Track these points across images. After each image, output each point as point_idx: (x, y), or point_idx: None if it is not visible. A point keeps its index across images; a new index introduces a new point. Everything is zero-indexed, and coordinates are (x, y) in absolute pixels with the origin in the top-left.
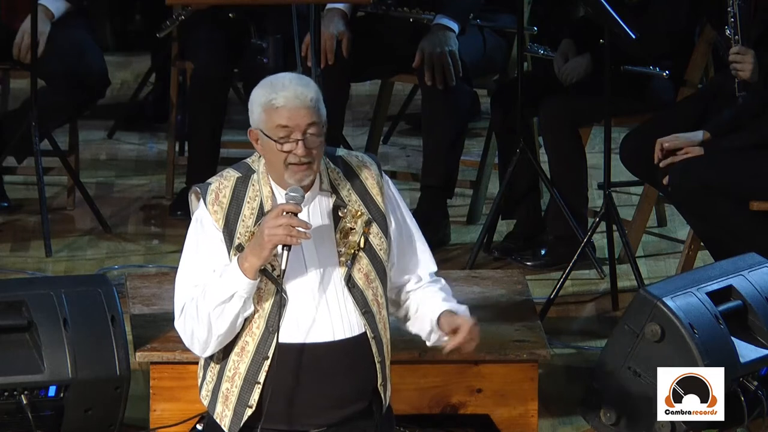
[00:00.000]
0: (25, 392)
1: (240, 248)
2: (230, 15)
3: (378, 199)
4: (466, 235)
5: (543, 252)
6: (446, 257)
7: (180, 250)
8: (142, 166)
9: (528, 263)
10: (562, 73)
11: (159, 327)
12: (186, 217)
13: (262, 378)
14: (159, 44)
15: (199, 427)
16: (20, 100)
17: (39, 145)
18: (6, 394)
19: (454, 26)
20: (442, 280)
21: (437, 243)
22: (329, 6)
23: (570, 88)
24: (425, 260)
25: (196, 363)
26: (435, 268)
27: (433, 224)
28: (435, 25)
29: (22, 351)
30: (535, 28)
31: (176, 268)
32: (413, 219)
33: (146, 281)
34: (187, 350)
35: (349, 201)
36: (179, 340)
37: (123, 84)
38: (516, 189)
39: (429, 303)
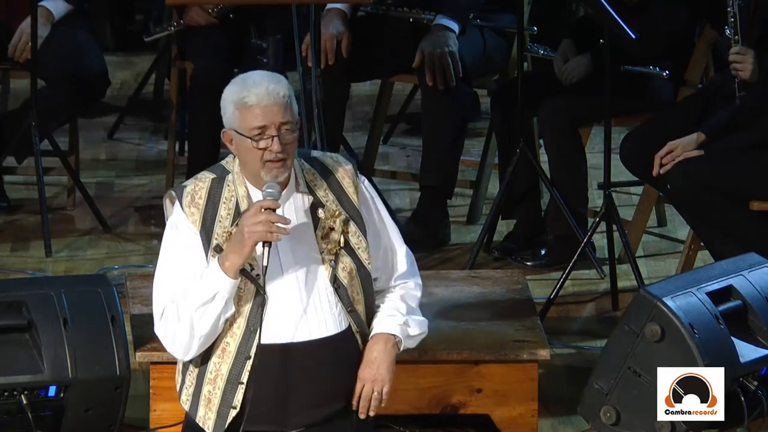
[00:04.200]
0: (25, 392)
1: (218, 249)
2: (230, 15)
3: (354, 198)
4: (466, 235)
5: (543, 252)
6: (446, 257)
7: None
8: (142, 166)
9: (528, 263)
10: (562, 73)
11: None
12: None
13: (245, 378)
14: (166, 45)
15: None
16: (20, 100)
17: (39, 145)
18: (6, 394)
19: (454, 26)
20: (410, 282)
21: (437, 243)
22: (329, 6)
23: (570, 88)
24: (398, 260)
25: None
26: (405, 269)
27: (433, 224)
28: (435, 26)
29: (22, 351)
30: (535, 28)
31: None
32: (390, 218)
33: (146, 281)
34: None
35: (326, 201)
36: None
37: (123, 84)
38: (516, 189)
39: (376, 317)
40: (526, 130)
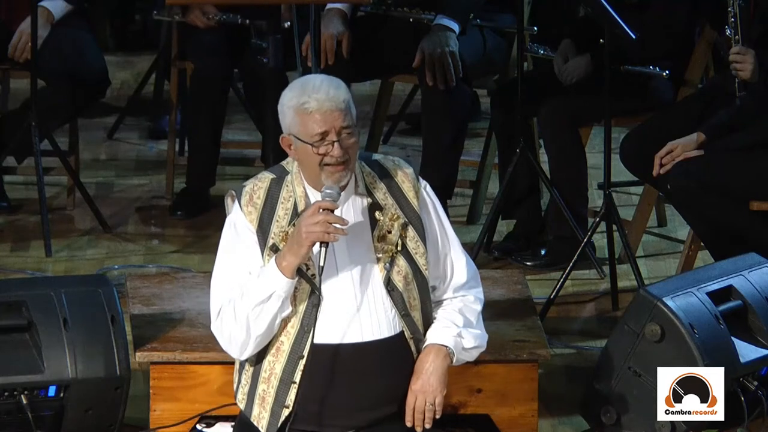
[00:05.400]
0: (25, 392)
1: (274, 248)
2: (238, 22)
3: (414, 203)
4: (466, 235)
5: (543, 252)
6: None
7: (179, 251)
8: (142, 166)
9: (528, 263)
10: (562, 73)
11: (159, 327)
12: (185, 218)
13: (297, 377)
14: (165, 44)
15: (199, 427)
16: (20, 100)
17: (39, 145)
18: (6, 394)
19: (455, 26)
20: (469, 296)
21: None
22: (329, 6)
23: (570, 88)
24: (457, 270)
25: (196, 363)
26: (464, 280)
27: None
28: (435, 26)
29: (22, 351)
30: (535, 28)
31: (176, 268)
32: (451, 228)
33: (146, 281)
34: (187, 350)
35: (385, 204)
36: (179, 340)
37: (123, 84)
38: (516, 189)
39: (431, 327)
40: (526, 130)
